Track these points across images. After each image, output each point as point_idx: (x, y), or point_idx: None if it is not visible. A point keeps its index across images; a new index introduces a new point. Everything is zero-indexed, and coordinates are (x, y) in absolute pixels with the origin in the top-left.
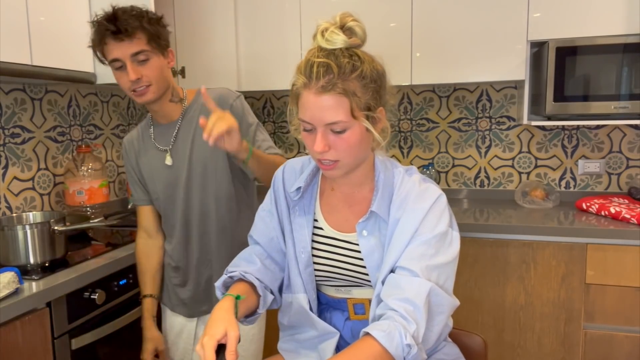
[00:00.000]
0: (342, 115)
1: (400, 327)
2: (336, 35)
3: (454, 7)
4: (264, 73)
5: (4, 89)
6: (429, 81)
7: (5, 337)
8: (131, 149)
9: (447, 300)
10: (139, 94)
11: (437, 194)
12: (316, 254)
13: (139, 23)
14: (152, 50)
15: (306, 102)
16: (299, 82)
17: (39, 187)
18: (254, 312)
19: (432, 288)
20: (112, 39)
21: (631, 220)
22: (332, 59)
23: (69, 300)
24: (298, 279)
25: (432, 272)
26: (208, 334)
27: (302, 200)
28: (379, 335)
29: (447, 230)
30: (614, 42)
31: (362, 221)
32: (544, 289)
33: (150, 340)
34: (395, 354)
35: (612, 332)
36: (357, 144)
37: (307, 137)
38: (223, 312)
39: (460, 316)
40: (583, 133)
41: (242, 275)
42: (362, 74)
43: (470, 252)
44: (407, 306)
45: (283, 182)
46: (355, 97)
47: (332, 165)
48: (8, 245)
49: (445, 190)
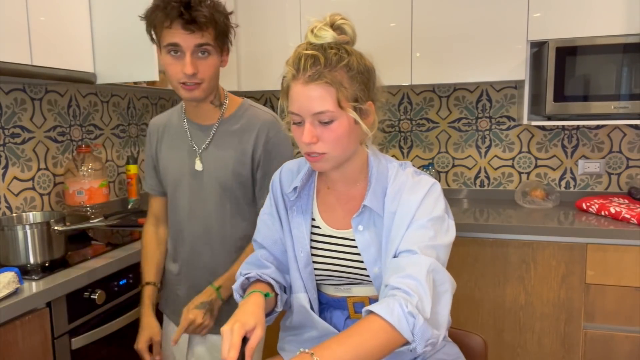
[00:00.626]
0: (329, 105)
1: (401, 299)
2: (325, 32)
3: (454, 7)
4: (264, 73)
5: (4, 89)
6: (429, 81)
7: (5, 337)
8: (155, 134)
9: (448, 277)
10: (188, 89)
11: (431, 182)
12: (315, 253)
13: (212, 16)
14: (215, 47)
15: (294, 94)
16: (288, 75)
17: (39, 187)
18: (271, 312)
19: (432, 263)
20: (181, 26)
21: (631, 220)
22: (319, 51)
23: (69, 300)
24: (298, 278)
25: (432, 250)
26: (240, 321)
27: (300, 200)
28: (378, 309)
29: (443, 215)
30: (614, 42)
31: (357, 216)
32: (544, 289)
33: (146, 328)
34: (398, 326)
35: (612, 332)
36: (344, 135)
37: (296, 130)
38: (255, 306)
39: (460, 316)
40: (583, 133)
41: (259, 276)
42: (348, 65)
43: (470, 252)
44: (408, 281)
45: (280, 185)
46: (342, 87)
47: (320, 157)
48: (8, 245)
49: (445, 190)
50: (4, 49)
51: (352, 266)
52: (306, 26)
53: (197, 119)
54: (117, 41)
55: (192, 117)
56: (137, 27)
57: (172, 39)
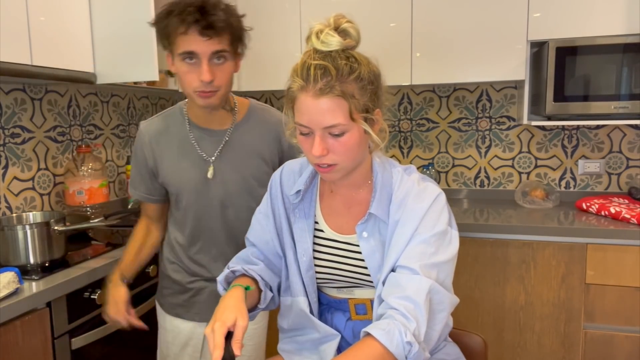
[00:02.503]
0: (341, 118)
1: (400, 325)
2: (331, 37)
3: (454, 7)
4: (264, 73)
5: (4, 89)
6: (429, 81)
7: (5, 337)
8: (149, 143)
9: (447, 298)
10: (204, 96)
11: (436, 192)
12: (317, 257)
13: (228, 20)
14: (231, 52)
15: (303, 106)
16: (295, 86)
17: (39, 187)
18: (254, 308)
19: (432, 285)
20: (197, 33)
21: (631, 220)
22: (329, 61)
23: (69, 300)
24: (299, 282)
25: (432, 269)
26: (219, 319)
27: (302, 203)
28: (378, 334)
29: (446, 229)
30: (614, 42)
31: (362, 223)
32: (544, 289)
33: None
34: (396, 352)
35: (612, 332)
36: (355, 146)
37: (304, 141)
38: (234, 300)
39: (460, 316)
40: (583, 133)
41: (245, 270)
42: (359, 76)
43: (470, 252)
44: (407, 304)
45: (281, 185)
46: (353, 99)
47: (330, 168)
48: (8, 245)
49: (445, 190)
50: (4, 49)
51: (355, 271)
52: (307, 27)
53: (208, 124)
54: (117, 41)
55: (201, 123)
56: (137, 27)
57: (189, 47)
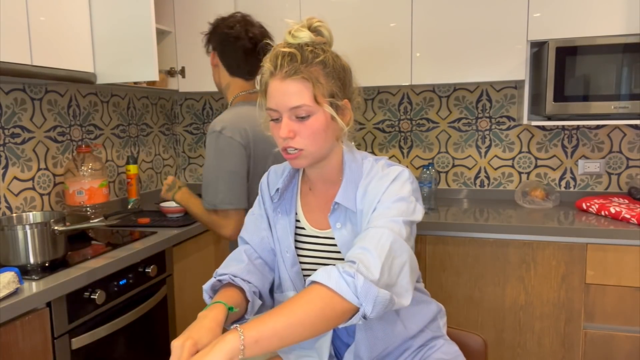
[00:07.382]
0: (306, 99)
1: (339, 265)
2: (302, 32)
3: (454, 7)
4: None
5: (4, 89)
6: (429, 81)
7: (5, 337)
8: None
9: (407, 249)
10: None
11: (400, 169)
12: (302, 253)
13: None
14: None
15: (272, 90)
16: (266, 72)
17: (39, 187)
18: (241, 319)
19: (386, 232)
20: None
21: (631, 220)
22: (296, 49)
23: (69, 300)
24: (287, 278)
25: (392, 224)
26: (193, 338)
27: (283, 201)
28: (315, 275)
29: (409, 197)
30: (614, 42)
31: (331, 214)
32: (544, 289)
33: None
34: (337, 288)
35: (612, 332)
36: (321, 130)
37: (274, 127)
38: (212, 322)
39: (460, 316)
40: (583, 133)
41: (231, 279)
42: (324, 61)
43: (470, 252)
44: (357, 252)
45: (268, 186)
46: (318, 82)
47: (297, 154)
48: (8, 245)
49: (446, 190)
50: (4, 49)
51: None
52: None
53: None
54: (117, 41)
55: None
56: (137, 27)
57: None
